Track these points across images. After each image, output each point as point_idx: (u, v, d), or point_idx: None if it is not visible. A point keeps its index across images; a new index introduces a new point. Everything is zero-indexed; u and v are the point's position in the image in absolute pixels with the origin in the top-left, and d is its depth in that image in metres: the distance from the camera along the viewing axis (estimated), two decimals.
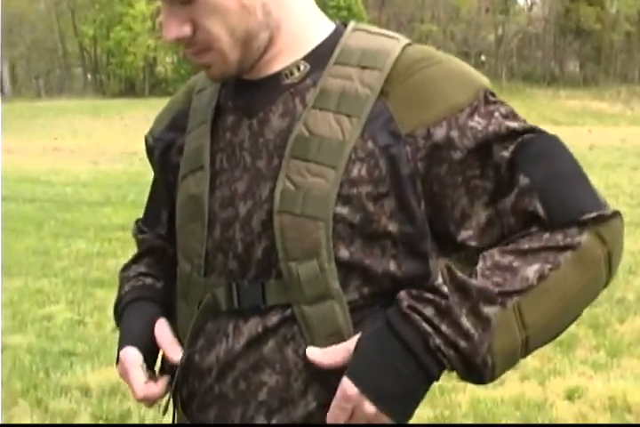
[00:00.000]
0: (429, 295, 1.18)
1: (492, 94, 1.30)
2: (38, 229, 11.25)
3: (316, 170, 1.24)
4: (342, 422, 1.20)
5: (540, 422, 4.61)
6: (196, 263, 1.36)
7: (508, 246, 1.24)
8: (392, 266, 1.27)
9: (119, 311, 1.54)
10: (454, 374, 1.24)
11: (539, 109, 46.15)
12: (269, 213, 1.27)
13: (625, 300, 7.26)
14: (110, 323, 6.52)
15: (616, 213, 1.27)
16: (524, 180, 1.25)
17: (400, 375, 1.16)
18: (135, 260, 1.62)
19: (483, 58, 67.42)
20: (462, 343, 1.16)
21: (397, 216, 1.26)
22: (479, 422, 4.66)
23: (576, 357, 5.74)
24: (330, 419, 1.22)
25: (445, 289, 1.18)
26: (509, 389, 5.14)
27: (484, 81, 1.31)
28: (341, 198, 1.24)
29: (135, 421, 4.68)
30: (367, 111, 1.25)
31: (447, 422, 4.63)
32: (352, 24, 1.36)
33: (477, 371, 1.19)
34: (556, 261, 1.21)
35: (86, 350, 5.88)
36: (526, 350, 1.22)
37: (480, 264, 1.22)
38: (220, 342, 1.31)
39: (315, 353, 1.24)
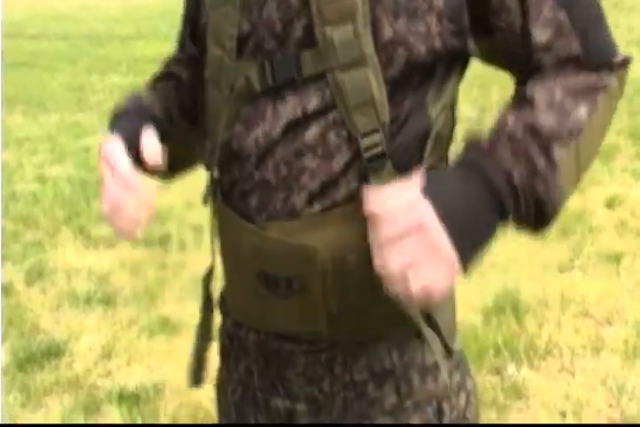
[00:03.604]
0: (501, 138, 1.13)
1: None
2: (72, 65, 11.17)
3: None
4: (390, 240, 1.05)
5: (579, 231, 4.60)
6: (227, 47, 1.29)
7: (553, 82, 1.20)
8: (437, 43, 1.21)
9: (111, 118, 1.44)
10: None
11: None
12: None
13: None
14: None
15: (628, 61, 1.27)
16: (563, 16, 1.21)
17: (477, 210, 1.08)
18: (148, 83, 1.55)
19: None
20: (540, 187, 1.11)
21: None
22: None
23: (616, 166, 5.68)
24: (384, 232, 1.05)
25: (519, 132, 1.13)
26: None
27: None
28: None
29: (175, 244, 4.76)
30: None
31: None
32: None
33: (546, 219, 1.14)
34: (595, 101, 1.18)
35: None
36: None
37: (535, 97, 1.17)
38: (257, 125, 1.27)
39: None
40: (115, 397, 3.20)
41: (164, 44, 11.45)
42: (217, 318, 1.46)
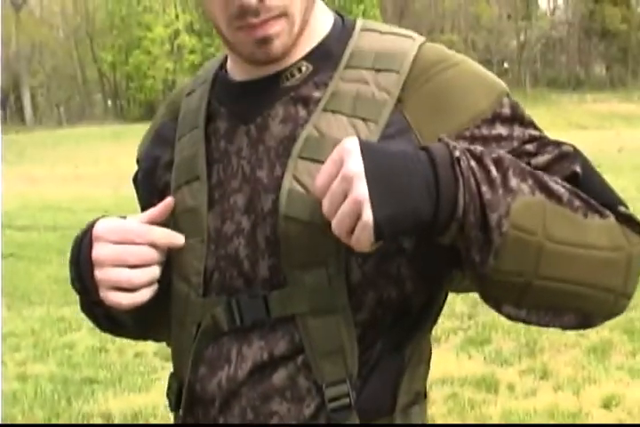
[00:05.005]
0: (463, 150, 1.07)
1: (511, 98, 1.22)
2: (61, 256, 11.19)
3: None
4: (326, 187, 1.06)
5: None
6: (194, 282, 1.24)
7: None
8: (408, 286, 1.17)
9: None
10: (483, 386, 1.10)
11: (565, 115, 45.49)
12: (274, 226, 1.16)
13: None
14: (132, 349, 6.44)
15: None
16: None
17: (410, 180, 1.03)
18: None
19: (506, 65, 65.45)
20: (485, 188, 1.04)
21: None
22: None
23: (611, 363, 5.57)
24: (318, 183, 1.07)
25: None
26: (542, 399, 4.98)
27: (502, 84, 1.21)
28: None
29: None
30: (386, 116, 1.15)
31: None
32: (360, 23, 1.26)
33: (488, 231, 1.04)
34: (585, 212, 1.09)
35: (108, 377, 5.79)
36: (536, 264, 1.06)
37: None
38: (221, 368, 1.20)
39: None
40: None
41: None
42: None
